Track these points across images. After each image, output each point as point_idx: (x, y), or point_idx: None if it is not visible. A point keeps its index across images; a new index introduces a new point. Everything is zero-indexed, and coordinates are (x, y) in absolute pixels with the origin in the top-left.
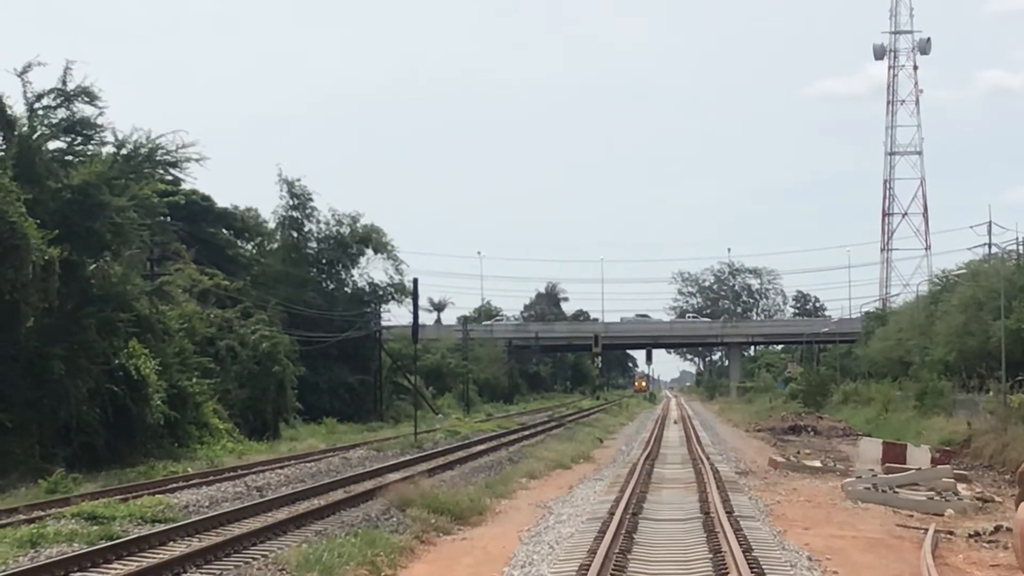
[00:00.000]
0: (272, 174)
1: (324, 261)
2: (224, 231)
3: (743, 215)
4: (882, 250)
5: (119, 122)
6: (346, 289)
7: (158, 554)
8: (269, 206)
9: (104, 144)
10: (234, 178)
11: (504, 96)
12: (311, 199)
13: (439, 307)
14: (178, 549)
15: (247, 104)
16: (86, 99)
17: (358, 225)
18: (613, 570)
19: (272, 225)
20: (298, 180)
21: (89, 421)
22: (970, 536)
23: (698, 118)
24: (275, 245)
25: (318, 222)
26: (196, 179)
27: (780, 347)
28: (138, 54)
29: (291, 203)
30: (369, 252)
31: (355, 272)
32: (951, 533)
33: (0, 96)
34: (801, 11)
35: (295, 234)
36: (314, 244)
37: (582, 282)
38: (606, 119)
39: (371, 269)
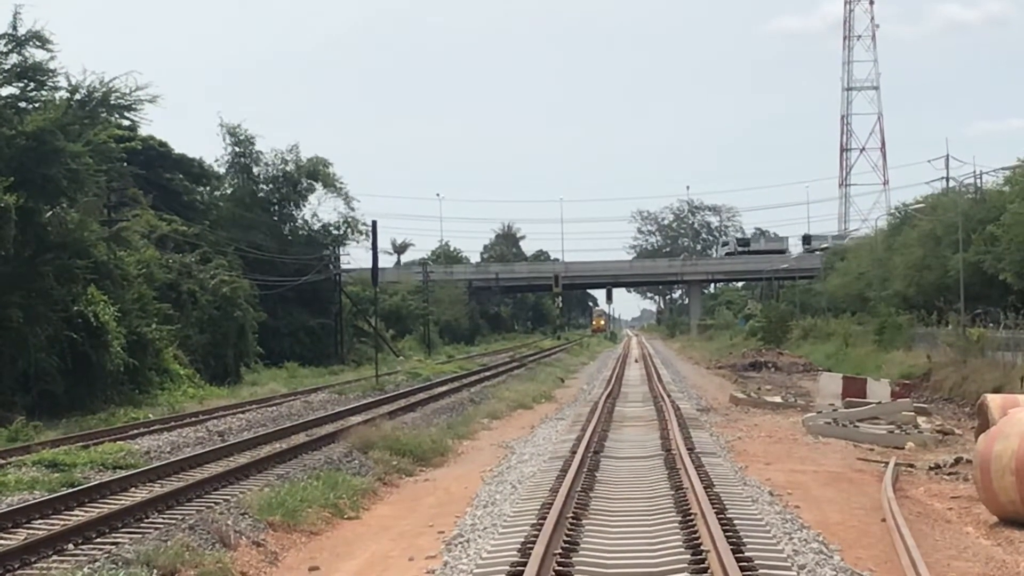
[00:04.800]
0: (214, 123)
1: (275, 201)
2: (181, 176)
3: (701, 153)
4: (840, 185)
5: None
6: (301, 232)
7: (120, 500)
8: (213, 155)
9: (57, 89)
10: (186, 128)
11: (458, 37)
12: (253, 143)
13: (400, 249)
14: (140, 495)
15: (194, 53)
16: (37, 43)
17: (302, 158)
18: (575, 508)
19: (221, 171)
20: (238, 126)
21: (48, 369)
22: (930, 468)
23: (656, 56)
24: (228, 190)
25: (266, 164)
26: (152, 122)
27: (740, 284)
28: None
29: (236, 150)
30: (319, 189)
31: (307, 210)
32: (911, 466)
33: None
34: None
35: (244, 177)
36: (264, 186)
37: (542, 222)
38: (562, 57)
39: (322, 210)
